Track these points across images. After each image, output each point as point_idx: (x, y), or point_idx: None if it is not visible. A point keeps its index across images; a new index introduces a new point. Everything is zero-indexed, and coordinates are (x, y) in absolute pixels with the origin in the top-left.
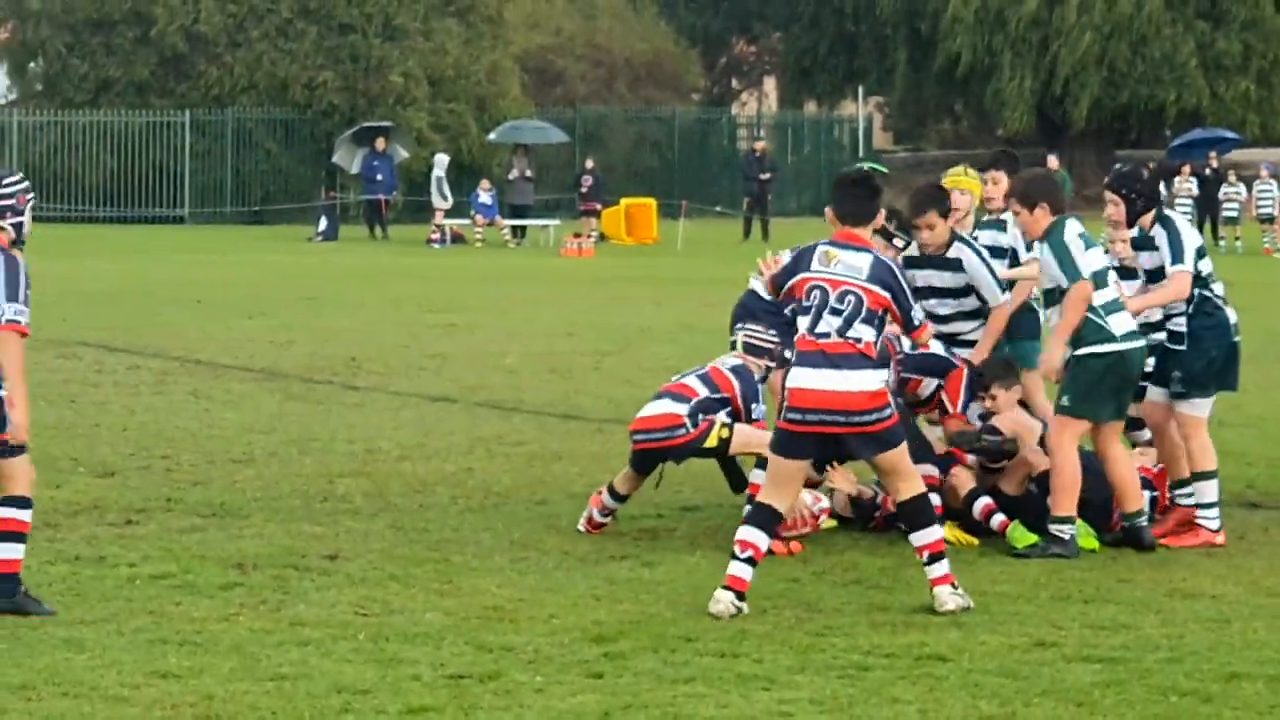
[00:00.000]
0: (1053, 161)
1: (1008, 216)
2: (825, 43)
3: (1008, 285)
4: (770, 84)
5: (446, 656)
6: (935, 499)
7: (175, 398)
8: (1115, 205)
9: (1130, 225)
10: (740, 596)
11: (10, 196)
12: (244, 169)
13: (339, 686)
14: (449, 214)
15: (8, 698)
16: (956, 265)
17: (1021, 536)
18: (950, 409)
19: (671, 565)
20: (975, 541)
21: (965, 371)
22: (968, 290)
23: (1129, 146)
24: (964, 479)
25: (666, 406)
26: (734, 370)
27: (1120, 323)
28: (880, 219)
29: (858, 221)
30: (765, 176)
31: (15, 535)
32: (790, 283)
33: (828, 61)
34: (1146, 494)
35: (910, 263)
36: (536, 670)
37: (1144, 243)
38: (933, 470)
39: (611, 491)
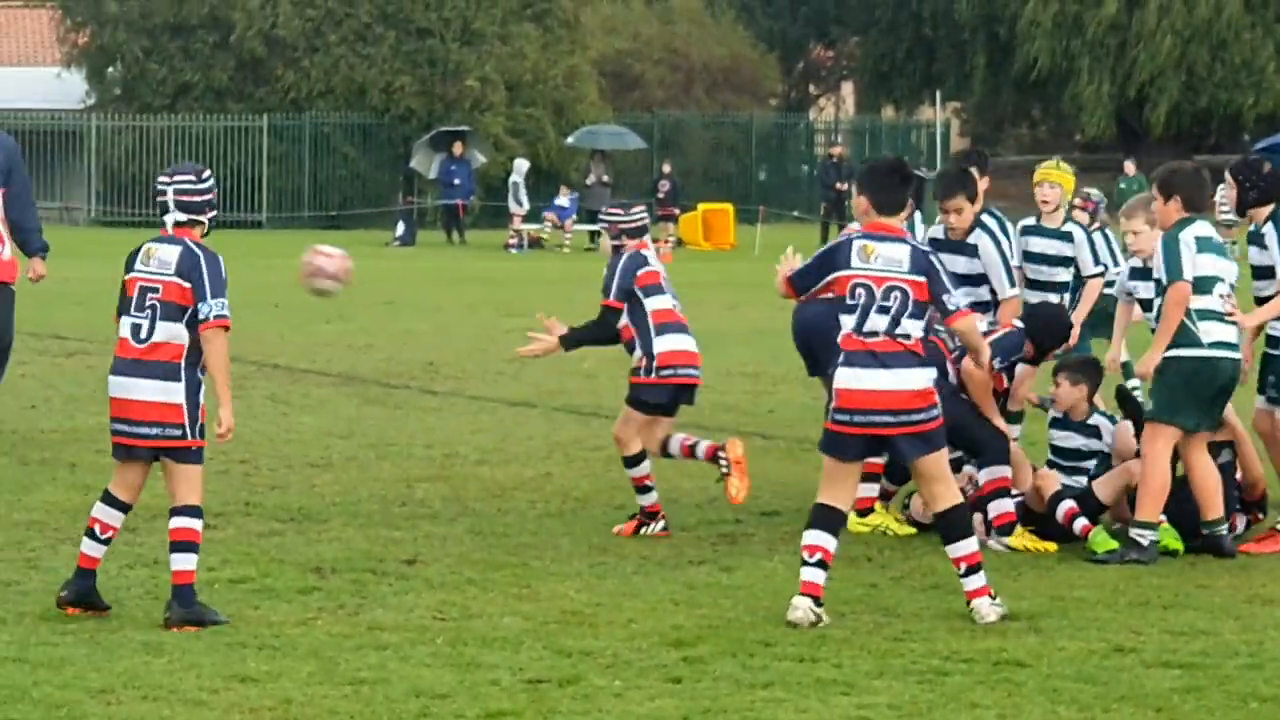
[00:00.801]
0: (1130, 167)
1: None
2: (903, 48)
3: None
4: (848, 89)
5: (525, 661)
6: (1008, 504)
7: (253, 402)
8: (1230, 189)
9: (1241, 214)
10: (817, 602)
11: (208, 191)
12: (322, 174)
13: (417, 691)
14: (525, 219)
15: (88, 701)
16: (973, 251)
17: (1103, 542)
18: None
19: (750, 570)
20: (1053, 548)
21: (1017, 331)
22: (982, 280)
23: (1208, 151)
24: (1051, 480)
25: (694, 343)
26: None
27: (1211, 330)
28: (910, 208)
29: (893, 210)
30: (842, 187)
31: (190, 545)
32: (829, 280)
33: (905, 66)
34: (1242, 519)
35: (934, 244)
36: (615, 675)
37: (1252, 239)
38: (1007, 473)
39: (632, 459)
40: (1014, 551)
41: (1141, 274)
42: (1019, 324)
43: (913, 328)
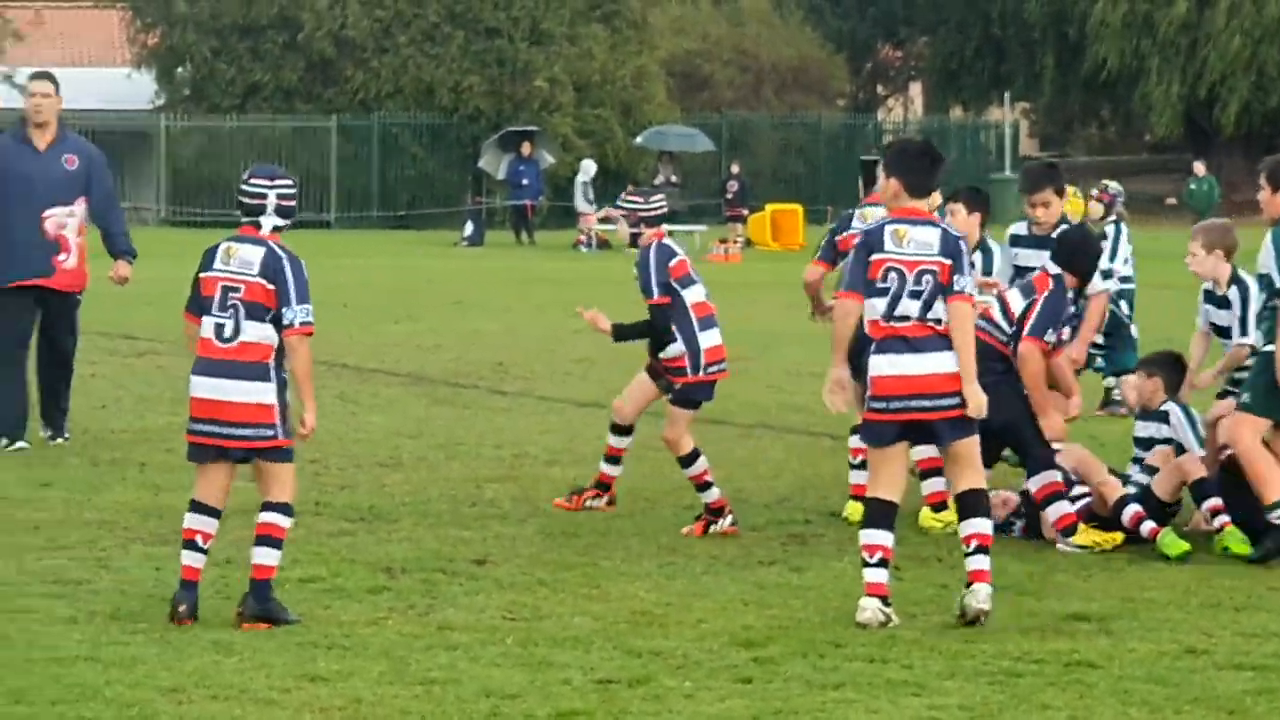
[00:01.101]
0: (1199, 168)
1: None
2: (971, 47)
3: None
4: (916, 89)
5: (595, 661)
6: (1067, 506)
7: (323, 401)
8: None
9: None
10: (885, 602)
11: (294, 196)
12: (390, 174)
13: (488, 691)
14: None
15: (159, 700)
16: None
17: (1173, 544)
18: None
19: (820, 570)
20: (1119, 538)
21: (1055, 287)
22: None
23: (1278, 152)
24: (1113, 486)
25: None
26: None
27: None
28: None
29: (925, 193)
30: None
31: (274, 541)
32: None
33: (974, 66)
34: None
35: (1015, 241)
36: (686, 675)
37: None
38: (1057, 476)
39: (687, 459)
40: (1084, 550)
41: (1214, 300)
42: (1051, 269)
43: (943, 311)
